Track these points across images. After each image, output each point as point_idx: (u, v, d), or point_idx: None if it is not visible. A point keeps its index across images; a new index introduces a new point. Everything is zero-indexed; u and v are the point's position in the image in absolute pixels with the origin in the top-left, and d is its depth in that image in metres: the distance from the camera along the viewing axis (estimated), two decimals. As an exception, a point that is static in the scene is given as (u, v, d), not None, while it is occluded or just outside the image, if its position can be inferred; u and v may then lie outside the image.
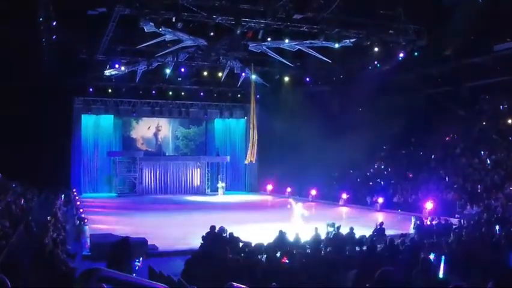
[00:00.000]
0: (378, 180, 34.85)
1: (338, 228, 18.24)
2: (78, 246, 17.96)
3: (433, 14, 25.20)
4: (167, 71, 34.08)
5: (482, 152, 31.09)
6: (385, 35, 26.64)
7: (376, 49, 27.56)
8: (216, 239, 15.77)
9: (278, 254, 13.74)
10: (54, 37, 26.90)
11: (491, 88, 32.68)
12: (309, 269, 11.78)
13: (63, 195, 29.36)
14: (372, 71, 32.06)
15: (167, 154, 42.76)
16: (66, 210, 26.10)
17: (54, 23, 25.29)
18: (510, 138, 31.23)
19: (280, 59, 30.49)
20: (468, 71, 31.15)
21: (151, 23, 22.84)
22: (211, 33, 25.26)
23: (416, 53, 28.24)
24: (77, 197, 30.86)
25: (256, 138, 31.35)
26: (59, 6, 23.47)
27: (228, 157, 43.00)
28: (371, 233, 18.38)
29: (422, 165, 33.74)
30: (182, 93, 40.29)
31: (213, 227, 16.46)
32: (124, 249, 8.82)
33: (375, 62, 31.00)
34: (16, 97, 29.29)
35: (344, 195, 33.17)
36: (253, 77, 33.42)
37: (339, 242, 15.98)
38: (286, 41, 26.22)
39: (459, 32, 26.63)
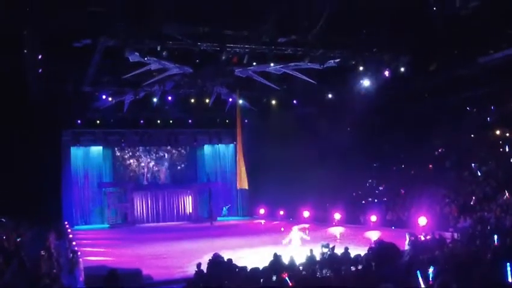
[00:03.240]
0: (371, 198, 34.82)
1: (333, 248, 18.18)
2: (72, 280, 17.79)
3: (417, 29, 25.30)
4: (155, 100, 33.99)
5: (473, 164, 31.18)
6: (369, 53, 26.82)
7: (361, 68, 27.74)
8: (215, 266, 15.68)
9: (274, 278, 13.69)
10: (40, 70, 26.84)
11: (478, 100, 32.83)
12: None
13: (55, 229, 29.12)
14: (359, 90, 32.10)
15: (158, 182, 42.62)
16: (59, 243, 25.87)
17: (39, 56, 25.25)
18: (500, 149, 31.39)
19: (267, 82, 30.40)
20: (454, 84, 31.28)
21: (136, 53, 22.85)
22: (197, 60, 25.34)
23: (401, 69, 28.29)
24: (69, 230, 30.61)
25: (243, 162, 31.09)
26: (43, 38, 23.40)
27: (219, 183, 42.98)
28: (365, 252, 18.37)
29: (413, 180, 33.75)
30: (171, 121, 40.34)
31: (215, 255, 16.37)
32: (112, 283, 8.72)
33: (361, 81, 31.05)
34: (3, 131, 29.13)
35: (337, 215, 33.06)
36: (240, 101, 33.39)
37: (334, 263, 15.93)
38: (272, 64, 26.26)
39: (443, 46, 26.79)
